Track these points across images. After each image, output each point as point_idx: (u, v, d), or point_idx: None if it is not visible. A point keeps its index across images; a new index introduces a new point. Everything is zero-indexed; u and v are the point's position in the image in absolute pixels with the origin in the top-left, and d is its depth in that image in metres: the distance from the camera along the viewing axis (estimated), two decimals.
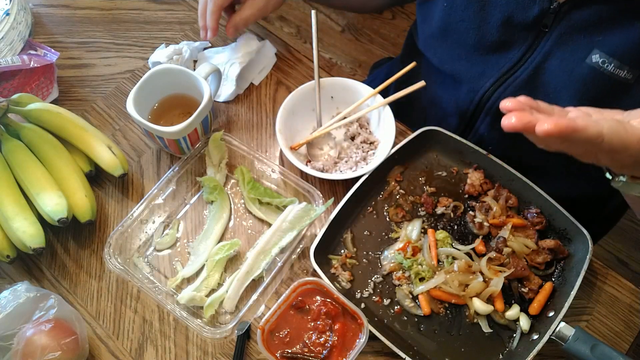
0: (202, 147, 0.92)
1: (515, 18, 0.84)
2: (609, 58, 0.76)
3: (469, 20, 0.88)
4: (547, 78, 0.85)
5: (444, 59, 0.97)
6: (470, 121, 1.01)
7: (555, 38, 0.82)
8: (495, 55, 0.89)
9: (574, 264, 0.84)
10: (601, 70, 0.78)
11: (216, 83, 0.99)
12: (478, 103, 0.95)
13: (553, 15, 0.80)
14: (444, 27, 0.93)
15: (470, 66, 0.94)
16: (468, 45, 0.91)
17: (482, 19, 0.87)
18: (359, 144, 0.96)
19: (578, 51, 0.80)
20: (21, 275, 0.87)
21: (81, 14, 1.15)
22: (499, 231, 0.87)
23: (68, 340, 0.75)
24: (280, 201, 0.90)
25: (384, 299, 0.84)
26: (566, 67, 0.81)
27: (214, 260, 0.84)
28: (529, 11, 0.82)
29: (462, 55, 0.94)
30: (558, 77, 0.83)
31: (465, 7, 0.88)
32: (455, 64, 0.96)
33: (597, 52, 0.77)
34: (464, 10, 0.88)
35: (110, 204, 0.94)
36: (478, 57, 0.92)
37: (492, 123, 0.97)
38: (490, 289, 0.81)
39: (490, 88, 0.92)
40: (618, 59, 0.76)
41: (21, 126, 0.89)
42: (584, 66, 0.79)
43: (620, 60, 0.76)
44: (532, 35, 0.84)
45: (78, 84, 1.06)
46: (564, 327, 0.76)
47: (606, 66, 0.77)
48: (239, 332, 0.80)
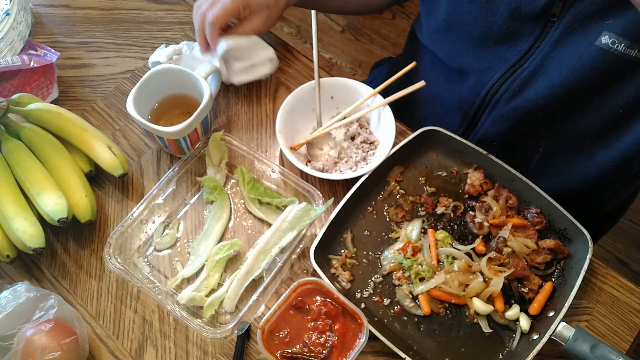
0: (202, 147, 0.92)
1: (523, 8, 0.82)
2: (619, 38, 0.75)
3: (476, 12, 0.87)
4: (554, 67, 0.84)
5: (450, 53, 0.96)
6: (474, 117, 1.00)
7: (563, 27, 0.80)
8: (503, 47, 0.88)
9: (574, 264, 0.84)
10: (611, 51, 0.77)
11: (216, 83, 0.99)
12: (484, 97, 0.94)
13: (561, 3, 0.79)
14: (449, 20, 0.92)
15: (477, 59, 0.93)
16: (475, 38, 0.90)
17: (488, 11, 0.86)
18: (359, 144, 0.97)
19: (587, 36, 0.79)
20: (21, 275, 0.87)
21: (81, 14, 1.15)
22: (499, 231, 0.87)
23: (68, 340, 0.75)
24: (280, 201, 0.90)
25: (384, 299, 0.84)
26: (575, 53, 0.80)
27: (214, 260, 0.84)
28: (537, 1, 0.81)
29: (468, 49, 0.92)
30: (566, 64, 0.82)
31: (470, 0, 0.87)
32: (462, 58, 0.95)
33: (607, 33, 0.76)
34: (470, 2, 0.87)
35: (110, 204, 0.94)
36: (485, 50, 0.90)
37: (497, 118, 0.96)
38: (490, 289, 0.81)
39: (497, 81, 0.91)
40: (628, 38, 0.75)
41: (21, 126, 0.89)
42: (593, 49, 0.78)
43: (630, 40, 0.75)
44: (540, 26, 0.83)
45: (78, 84, 1.06)
46: (564, 327, 0.76)
47: (616, 47, 0.76)
48: (239, 332, 0.80)
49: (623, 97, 0.81)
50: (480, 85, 0.94)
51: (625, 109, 0.82)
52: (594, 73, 0.81)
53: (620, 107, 0.82)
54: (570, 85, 0.83)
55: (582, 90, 0.83)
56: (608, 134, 0.90)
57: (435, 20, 0.95)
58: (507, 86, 0.90)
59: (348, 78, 0.99)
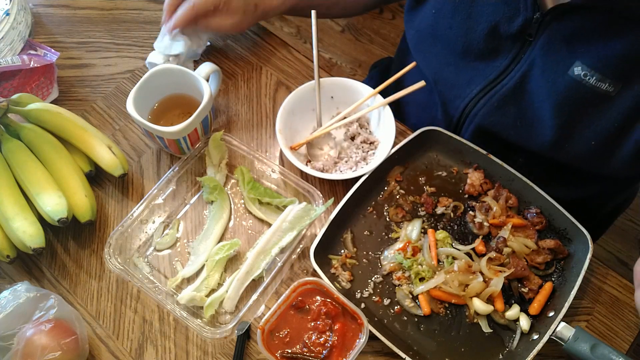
0: (202, 147, 0.92)
1: (500, 27, 0.84)
2: (591, 71, 0.76)
3: (457, 27, 0.89)
4: (532, 87, 0.85)
5: (432, 64, 0.97)
6: (455, 129, 1.01)
7: (540, 48, 0.82)
8: (483, 63, 0.89)
9: (574, 264, 0.84)
10: (583, 83, 0.78)
11: (216, 83, 0.99)
12: (463, 110, 0.95)
13: (537, 25, 0.81)
14: (433, 33, 0.93)
15: (457, 73, 0.94)
16: (456, 52, 0.91)
17: (469, 27, 0.87)
18: (359, 144, 0.96)
19: (561, 62, 0.80)
20: (21, 275, 0.87)
21: (81, 14, 1.15)
22: (499, 231, 0.87)
23: (68, 340, 0.75)
24: (280, 201, 0.90)
25: (384, 299, 0.84)
26: (549, 78, 0.81)
27: (214, 260, 0.84)
28: (514, 21, 0.82)
29: (450, 62, 0.94)
30: (542, 87, 0.83)
31: (452, 15, 0.88)
32: (444, 70, 0.96)
33: (580, 64, 0.77)
34: (451, 18, 0.89)
35: (110, 204, 0.94)
36: (466, 64, 0.92)
37: (474, 131, 0.97)
38: (490, 289, 0.81)
39: (476, 96, 0.92)
40: (599, 72, 0.76)
41: (21, 126, 0.89)
42: (566, 78, 0.79)
43: (601, 74, 0.76)
44: (518, 45, 0.84)
45: (78, 84, 1.06)
46: (564, 327, 0.76)
47: (588, 79, 0.77)
48: (239, 332, 0.80)
49: (596, 129, 0.82)
50: (460, 98, 0.95)
51: (597, 140, 0.83)
52: (567, 101, 0.81)
53: (592, 139, 0.83)
54: (545, 109, 0.84)
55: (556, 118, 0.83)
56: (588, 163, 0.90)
57: (420, 33, 0.96)
58: (486, 101, 0.91)
59: (348, 78, 0.99)
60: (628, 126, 0.79)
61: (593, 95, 0.78)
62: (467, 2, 0.86)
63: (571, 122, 0.83)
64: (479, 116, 0.93)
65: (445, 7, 0.89)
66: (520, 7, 0.81)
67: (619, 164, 0.84)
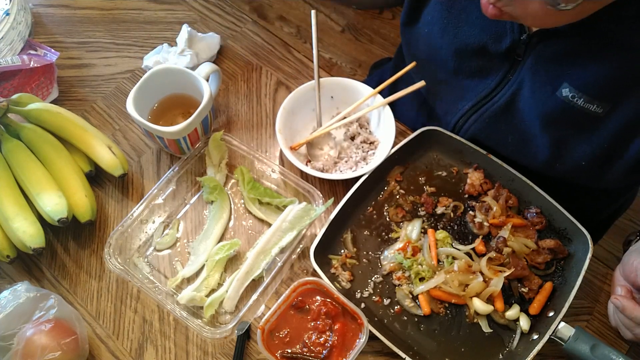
0: (202, 147, 0.92)
1: (489, 47, 0.84)
2: (578, 93, 0.77)
3: (447, 47, 0.89)
4: (522, 106, 0.85)
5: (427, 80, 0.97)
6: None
7: (528, 67, 0.82)
8: (474, 81, 0.90)
9: (574, 263, 0.84)
10: (572, 104, 0.78)
11: (216, 83, 0.99)
12: (454, 126, 0.96)
13: (524, 46, 0.81)
14: (427, 51, 0.94)
15: (450, 89, 0.95)
16: (449, 70, 0.92)
17: (457, 48, 0.88)
18: (359, 144, 0.96)
19: (550, 83, 0.80)
20: (21, 275, 0.87)
21: (81, 14, 1.15)
22: (499, 231, 0.87)
23: (68, 340, 0.75)
24: (280, 201, 0.90)
25: (384, 299, 0.84)
26: (538, 98, 0.82)
27: (214, 260, 0.84)
28: (502, 41, 0.83)
29: (443, 79, 0.94)
30: (532, 106, 0.84)
31: (441, 36, 0.89)
32: (437, 86, 0.97)
33: (567, 86, 0.77)
34: (441, 38, 0.90)
35: (110, 204, 0.94)
36: (458, 82, 0.92)
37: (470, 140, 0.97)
38: (490, 289, 0.81)
39: (467, 112, 0.92)
40: (587, 93, 0.76)
41: (21, 126, 0.89)
42: (555, 99, 0.79)
43: (589, 95, 0.76)
44: (507, 64, 0.85)
45: (78, 84, 1.06)
46: (564, 327, 0.76)
47: (576, 100, 0.77)
48: (239, 332, 0.80)
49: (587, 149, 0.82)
50: (451, 114, 0.96)
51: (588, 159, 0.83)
52: (556, 122, 0.82)
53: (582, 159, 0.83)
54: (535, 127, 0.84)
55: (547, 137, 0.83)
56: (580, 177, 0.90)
57: (416, 50, 0.97)
58: (477, 117, 0.91)
59: (348, 78, 0.99)
60: (619, 146, 0.80)
61: (583, 116, 0.78)
62: (454, 24, 0.87)
63: (562, 141, 0.83)
64: (471, 130, 0.93)
65: (434, 28, 0.90)
66: (507, 29, 0.81)
67: (612, 180, 0.85)
